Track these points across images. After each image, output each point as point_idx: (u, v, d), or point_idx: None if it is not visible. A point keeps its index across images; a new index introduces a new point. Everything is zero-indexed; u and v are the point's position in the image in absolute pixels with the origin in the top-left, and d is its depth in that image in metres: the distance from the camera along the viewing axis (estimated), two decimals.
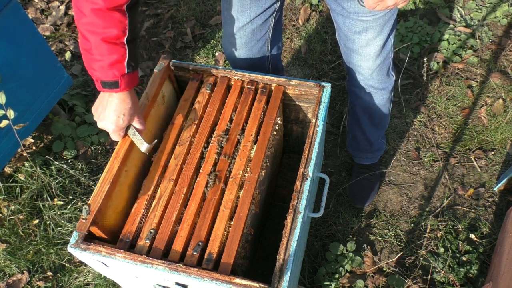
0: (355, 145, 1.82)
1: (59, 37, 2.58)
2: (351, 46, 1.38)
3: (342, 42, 1.42)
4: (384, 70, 1.45)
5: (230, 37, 1.46)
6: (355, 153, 1.87)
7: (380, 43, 1.34)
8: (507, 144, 2.02)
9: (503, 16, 2.46)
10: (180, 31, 2.58)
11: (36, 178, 1.96)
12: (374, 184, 1.88)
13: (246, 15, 1.37)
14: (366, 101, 1.56)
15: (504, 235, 1.54)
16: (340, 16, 1.33)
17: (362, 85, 1.49)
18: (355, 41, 1.35)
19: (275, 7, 1.40)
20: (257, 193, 1.17)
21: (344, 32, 1.36)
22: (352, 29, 1.32)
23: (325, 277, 1.69)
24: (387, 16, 1.28)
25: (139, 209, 1.12)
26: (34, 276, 1.77)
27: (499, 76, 2.24)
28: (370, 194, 1.87)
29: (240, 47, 1.47)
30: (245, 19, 1.38)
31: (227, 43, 1.50)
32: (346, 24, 1.33)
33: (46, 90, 1.92)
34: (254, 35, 1.44)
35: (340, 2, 1.28)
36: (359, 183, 1.87)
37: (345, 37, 1.38)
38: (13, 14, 1.66)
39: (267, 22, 1.43)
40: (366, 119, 1.66)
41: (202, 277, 0.98)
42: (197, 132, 1.24)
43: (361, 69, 1.44)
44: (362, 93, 1.53)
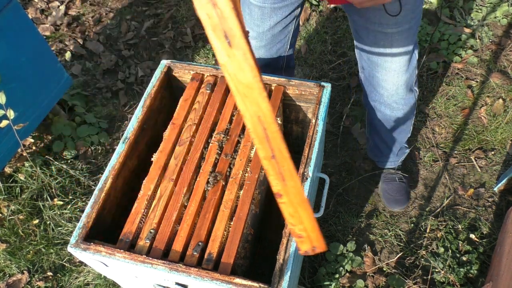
0: (377, 152, 1.81)
1: (59, 37, 2.58)
2: (376, 60, 1.34)
3: (365, 56, 1.37)
4: (409, 85, 1.42)
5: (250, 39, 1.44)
6: (379, 159, 1.85)
7: (406, 57, 1.31)
8: (507, 144, 2.02)
9: (503, 16, 2.46)
10: (180, 31, 2.58)
11: (36, 178, 1.96)
12: (407, 183, 1.88)
13: (266, 22, 1.36)
14: (387, 115, 1.52)
15: (504, 235, 1.54)
16: (364, 29, 1.28)
17: (385, 99, 1.45)
18: (380, 55, 1.31)
19: (295, 14, 1.38)
20: (257, 193, 1.17)
21: (368, 46, 1.31)
22: (377, 43, 1.28)
23: (325, 277, 1.69)
24: (413, 30, 1.24)
25: (139, 209, 1.12)
26: (34, 276, 1.77)
27: (499, 76, 2.24)
28: (408, 193, 1.87)
29: (259, 49, 1.46)
30: (265, 25, 1.37)
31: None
32: (370, 38, 1.28)
33: (46, 90, 1.92)
34: (274, 39, 1.43)
35: (364, 13, 1.24)
36: (394, 186, 1.85)
37: (369, 51, 1.33)
38: (13, 14, 1.66)
39: (288, 27, 1.41)
40: (387, 131, 1.62)
41: (202, 277, 0.98)
42: (197, 132, 1.24)
43: (385, 84, 1.39)
44: (383, 107, 1.49)
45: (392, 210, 1.86)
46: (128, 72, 2.42)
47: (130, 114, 2.25)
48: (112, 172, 1.17)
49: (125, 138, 1.23)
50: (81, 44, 2.54)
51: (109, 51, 2.52)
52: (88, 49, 2.53)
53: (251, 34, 1.42)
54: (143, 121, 1.28)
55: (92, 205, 1.12)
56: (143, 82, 2.38)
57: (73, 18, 2.68)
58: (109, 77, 2.41)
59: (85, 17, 2.70)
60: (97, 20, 2.67)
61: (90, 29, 2.63)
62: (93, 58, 2.49)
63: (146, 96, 1.30)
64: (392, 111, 1.51)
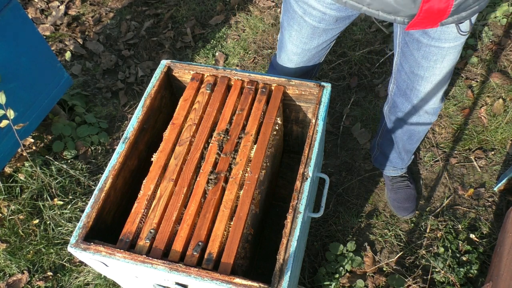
0: (385, 161, 1.80)
1: (59, 37, 2.58)
2: (422, 73, 1.30)
3: (408, 68, 1.34)
4: (443, 95, 1.41)
5: (292, 55, 1.42)
6: (384, 168, 1.84)
7: (451, 69, 1.29)
8: (507, 144, 2.02)
9: (503, 16, 2.46)
10: (180, 31, 2.58)
11: (36, 178, 1.96)
12: (414, 190, 1.87)
13: (314, 41, 1.34)
14: (413, 124, 1.51)
15: (504, 235, 1.54)
16: (416, 42, 1.24)
17: (417, 110, 1.43)
18: (428, 69, 1.28)
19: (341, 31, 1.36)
20: (257, 193, 1.17)
21: (416, 59, 1.28)
22: (428, 57, 1.25)
23: (325, 277, 1.69)
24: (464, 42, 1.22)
25: (139, 209, 1.12)
26: (34, 276, 1.77)
27: (499, 76, 2.24)
28: (416, 199, 1.87)
29: (299, 63, 1.44)
30: (313, 44, 1.35)
31: (287, 59, 1.45)
32: (421, 52, 1.25)
33: (46, 90, 1.92)
34: (316, 54, 1.42)
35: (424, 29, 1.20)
36: (402, 195, 1.85)
37: (415, 64, 1.30)
38: (13, 14, 1.66)
39: (330, 44, 1.40)
40: (405, 140, 1.61)
41: (202, 277, 0.98)
42: (197, 132, 1.24)
43: (427, 96, 1.37)
44: (409, 117, 1.48)
45: (402, 218, 1.85)
46: (128, 72, 2.42)
47: (130, 114, 2.25)
48: (112, 172, 1.17)
49: (125, 138, 1.23)
50: (81, 44, 2.54)
51: (109, 51, 2.52)
52: (88, 49, 2.53)
53: (295, 50, 1.39)
54: (143, 121, 1.28)
55: (92, 205, 1.12)
56: (143, 82, 2.38)
57: (73, 18, 2.68)
58: (109, 77, 2.41)
59: (85, 17, 2.70)
60: (97, 20, 2.67)
61: (90, 29, 2.63)
62: (93, 58, 2.49)
63: (146, 96, 1.30)
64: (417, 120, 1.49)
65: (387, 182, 1.90)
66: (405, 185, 1.85)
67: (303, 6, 1.23)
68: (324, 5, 1.20)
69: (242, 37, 2.52)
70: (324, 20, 1.25)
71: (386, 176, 1.90)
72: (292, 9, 1.28)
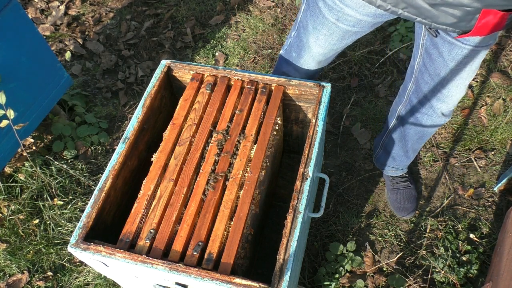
0: (389, 161, 1.79)
1: (59, 37, 2.58)
2: (449, 76, 1.26)
3: (433, 70, 1.29)
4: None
5: (318, 55, 1.38)
6: (387, 168, 1.83)
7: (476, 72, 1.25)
8: (507, 144, 2.02)
9: None
10: (180, 31, 2.58)
11: (36, 178, 1.96)
12: (414, 190, 1.87)
13: (344, 42, 1.32)
14: (426, 125, 1.48)
15: (504, 235, 1.54)
16: (448, 44, 1.18)
17: (435, 111, 1.41)
18: (456, 71, 1.24)
19: None
20: (257, 193, 1.17)
21: (446, 61, 1.23)
22: (459, 59, 1.20)
23: (325, 277, 1.69)
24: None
25: (139, 209, 1.12)
26: (34, 276, 1.77)
27: (499, 76, 2.24)
28: (417, 199, 1.86)
29: (323, 62, 1.43)
30: (340, 45, 1.34)
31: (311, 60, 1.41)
32: (453, 54, 1.20)
33: (46, 90, 1.92)
34: (331, 57, 1.42)
35: None
36: (402, 195, 1.84)
37: (443, 66, 1.25)
38: (13, 14, 1.66)
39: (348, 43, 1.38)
40: (415, 140, 1.60)
41: (202, 277, 0.98)
42: (197, 132, 1.24)
43: (449, 99, 1.34)
44: (426, 118, 1.45)
45: (402, 218, 1.85)
46: (128, 72, 2.42)
47: (130, 114, 2.25)
48: (112, 172, 1.17)
49: (125, 138, 1.23)
50: (81, 44, 2.54)
51: (109, 51, 2.52)
52: (88, 49, 2.53)
53: (322, 51, 1.36)
54: (143, 121, 1.28)
55: (92, 205, 1.12)
56: (143, 82, 2.38)
57: (73, 18, 2.68)
58: (109, 77, 2.41)
59: (85, 17, 2.70)
60: (97, 20, 2.67)
61: (90, 29, 2.63)
62: (93, 58, 2.49)
63: (146, 96, 1.31)
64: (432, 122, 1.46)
65: (387, 182, 1.90)
66: (406, 185, 1.85)
67: (337, 14, 1.20)
68: (362, 14, 1.18)
69: (242, 37, 2.52)
70: (359, 24, 1.23)
71: (386, 176, 1.90)
72: (322, 15, 1.24)
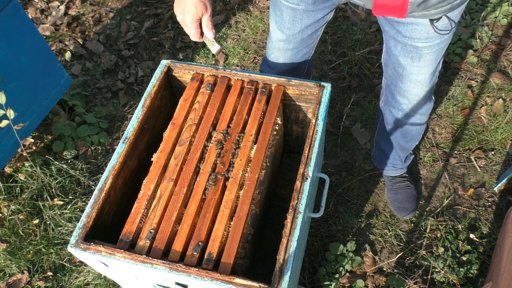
0: (384, 160, 1.79)
1: (59, 37, 2.58)
2: (401, 71, 1.32)
3: (391, 65, 1.36)
4: (430, 94, 1.41)
5: (278, 43, 1.42)
6: (384, 167, 1.84)
7: (432, 70, 1.29)
8: (507, 144, 2.02)
9: (503, 16, 2.46)
10: (180, 31, 2.58)
11: (36, 178, 1.96)
12: (414, 190, 1.87)
13: (297, 25, 1.34)
14: (403, 122, 1.52)
15: (504, 235, 1.54)
16: (393, 39, 1.26)
17: (404, 108, 1.45)
18: (406, 67, 1.30)
19: (327, 19, 1.36)
20: (257, 193, 1.17)
21: (395, 56, 1.30)
22: (404, 54, 1.26)
23: (325, 277, 1.69)
24: (443, 44, 1.22)
25: (139, 209, 1.12)
26: (34, 276, 1.77)
27: (499, 76, 2.24)
28: (417, 199, 1.86)
29: (286, 51, 1.44)
30: (296, 28, 1.35)
31: (274, 48, 1.46)
32: (398, 49, 1.27)
33: (46, 90, 1.92)
34: (303, 43, 1.41)
35: (395, 25, 1.22)
36: (402, 195, 1.84)
37: (395, 61, 1.32)
38: (13, 14, 1.66)
39: (317, 32, 1.40)
40: (399, 137, 1.62)
41: (202, 277, 0.98)
42: (197, 132, 1.24)
43: (408, 94, 1.38)
44: (400, 115, 1.49)
45: (402, 218, 1.85)
46: (128, 72, 2.42)
47: (130, 114, 2.25)
48: (112, 172, 1.17)
49: (125, 138, 1.23)
50: (81, 44, 2.54)
51: (109, 51, 2.52)
52: (88, 49, 2.53)
53: (281, 36, 1.39)
54: (143, 121, 1.28)
55: (92, 205, 1.12)
56: (143, 82, 2.38)
57: (73, 18, 2.68)
58: (109, 77, 2.41)
59: (85, 17, 2.70)
60: (97, 20, 2.67)
61: (90, 29, 2.63)
62: (93, 58, 2.49)
63: (146, 96, 1.30)
64: (408, 119, 1.50)
65: (387, 183, 1.90)
66: (406, 185, 1.85)
67: None
68: None
69: (242, 37, 2.52)
70: (302, 1, 1.26)
71: (386, 176, 1.90)
72: None
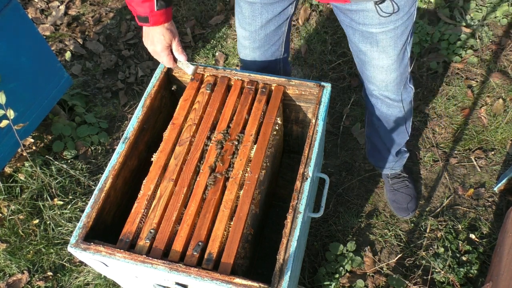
0: (376, 155, 1.79)
1: (59, 37, 2.58)
2: (363, 58, 1.35)
3: (355, 53, 1.39)
4: (401, 83, 1.42)
5: (243, 40, 1.44)
6: (379, 164, 1.83)
7: (394, 57, 1.31)
8: (507, 144, 2.02)
9: (503, 16, 2.46)
10: (180, 31, 2.58)
11: (36, 178, 1.96)
12: (414, 190, 1.86)
13: (257, 20, 1.35)
14: (383, 112, 1.53)
15: (504, 235, 1.54)
16: (350, 28, 1.30)
17: (378, 95, 1.46)
18: (366, 53, 1.32)
19: (288, 13, 1.37)
20: (257, 193, 1.17)
21: (356, 44, 1.33)
22: (363, 41, 1.29)
23: (325, 277, 1.69)
24: (399, 30, 1.24)
25: (139, 209, 1.12)
26: (34, 276, 1.77)
27: (499, 76, 2.24)
28: (417, 198, 1.86)
29: (253, 50, 1.45)
30: (257, 23, 1.36)
31: (241, 46, 1.48)
32: (357, 36, 1.30)
33: (46, 90, 1.92)
34: (268, 40, 1.42)
35: (348, 14, 1.25)
36: (401, 196, 1.84)
37: (357, 49, 1.35)
38: (13, 14, 1.66)
39: (281, 27, 1.40)
40: (385, 129, 1.62)
41: (202, 277, 0.98)
42: (197, 132, 1.24)
43: (375, 81, 1.41)
44: (378, 103, 1.50)
45: (402, 218, 1.85)
46: (128, 72, 2.42)
47: (130, 114, 2.25)
48: (112, 172, 1.17)
49: (125, 138, 1.23)
50: (81, 44, 2.54)
51: (109, 51, 2.52)
52: (88, 49, 2.53)
53: (244, 33, 1.41)
54: (143, 121, 1.28)
55: (92, 205, 1.12)
56: (143, 82, 2.38)
57: (73, 18, 2.68)
58: (109, 77, 2.41)
59: (85, 17, 2.70)
60: (97, 20, 2.67)
61: (90, 29, 2.63)
62: (93, 58, 2.49)
63: (146, 96, 1.31)
64: (388, 108, 1.51)
65: (386, 183, 1.89)
66: (404, 185, 1.85)
67: None
68: None
69: None
70: None
71: (384, 176, 1.90)
72: None
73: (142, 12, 1.14)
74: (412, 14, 1.24)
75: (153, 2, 1.12)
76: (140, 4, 1.12)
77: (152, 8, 1.13)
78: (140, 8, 1.13)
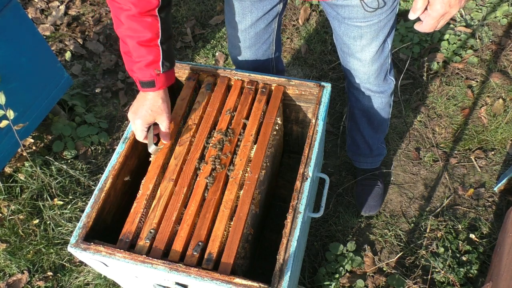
0: (355, 149, 1.80)
1: (59, 37, 2.58)
2: (347, 50, 1.38)
3: (339, 46, 1.42)
4: (382, 74, 1.45)
5: (233, 39, 1.45)
6: (355, 158, 1.85)
7: (375, 49, 1.34)
8: (507, 144, 2.02)
9: (503, 16, 2.46)
10: (180, 31, 2.58)
11: (36, 178, 1.96)
12: (380, 189, 1.87)
13: (247, 18, 1.35)
14: (365, 104, 1.56)
15: (504, 235, 1.54)
16: (336, 20, 1.33)
17: (360, 88, 1.49)
18: (350, 46, 1.35)
19: (277, 10, 1.38)
20: (257, 193, 1.17)
21: (340, 36, 1.36)
22: (347, 34, 1.32)
23: (325, 277, 1.69)
24: (382, 23, 1.27)
25: (138, 209, 1.12)
26: (34, 276, 1.77)
27: (499, 76, 2.24)
28: (382, 199, 1.87)
29: (244, 50, 1.46)
30: (247, 22, 1.36)
31: (231, 46, 1.49)
32: (342, 29, 1.32)
33: (46, 90, 1.92)
34: (258, 38, 1.43)
35: (334, 7, 1.28)
36: (365, 190, 1.85)
37: (341, 41, 1.38)
38: (13, 14, 1.66)
39: (271, 25, 1.41)
40: (365, 122, 1.65)
41: (202, 277, 0.98)
42: (197, 132, 1.24)
43: (357, 73, 1.44)
44: (360, 95, 1.53)
45: (362, 214, 1.86)
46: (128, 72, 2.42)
47: None
48: (112, 172, 1.17)
49: (125, 138, 1.23)
50: (81, 44, 2.54)
51: (109, 51, 2.52)
52: (88, 49, 2.53)
53: (234, 33, 1.42)
54: None
55: (92, 205, 1.12)
56: None
57: (73, 18, 2.68)
58: (109, 77, 2.41)
59: (85, 17, 2.70)
60: (97, 20, 2.67)
61: (90, 29, 2.63)
62: (93, 58, 2.49)
63: None
64: (368, 101, 1.53)
65: (357, 176, 1.90)
66: (374, 183, 1.86)
67: None
68: None
69: None
70: None
71: (357, 169, 1.91)
72: None
73: (146, 77, 1.08)
74: (395, 8, 1.27)
75: (159, 64, 1.07)
76: (143, 69, 1.06)
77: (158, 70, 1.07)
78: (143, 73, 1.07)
